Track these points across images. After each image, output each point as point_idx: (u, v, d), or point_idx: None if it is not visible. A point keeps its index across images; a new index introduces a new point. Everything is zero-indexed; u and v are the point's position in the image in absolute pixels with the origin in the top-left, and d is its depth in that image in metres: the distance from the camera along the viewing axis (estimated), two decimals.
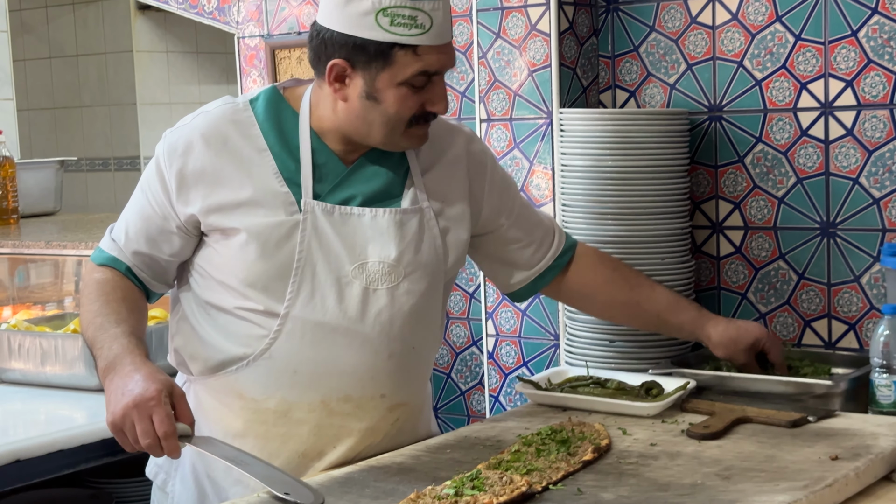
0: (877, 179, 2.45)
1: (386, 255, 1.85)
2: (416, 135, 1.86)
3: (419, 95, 1.81)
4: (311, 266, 1.82)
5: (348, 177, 1.87)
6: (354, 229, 1.85)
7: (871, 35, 2.42)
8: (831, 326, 2.53)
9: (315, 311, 1.81)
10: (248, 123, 1.85)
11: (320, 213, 1.83)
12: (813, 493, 1.58)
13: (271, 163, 1.83)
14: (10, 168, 4.36)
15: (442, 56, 1.80)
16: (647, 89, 2.70)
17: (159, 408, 1.61)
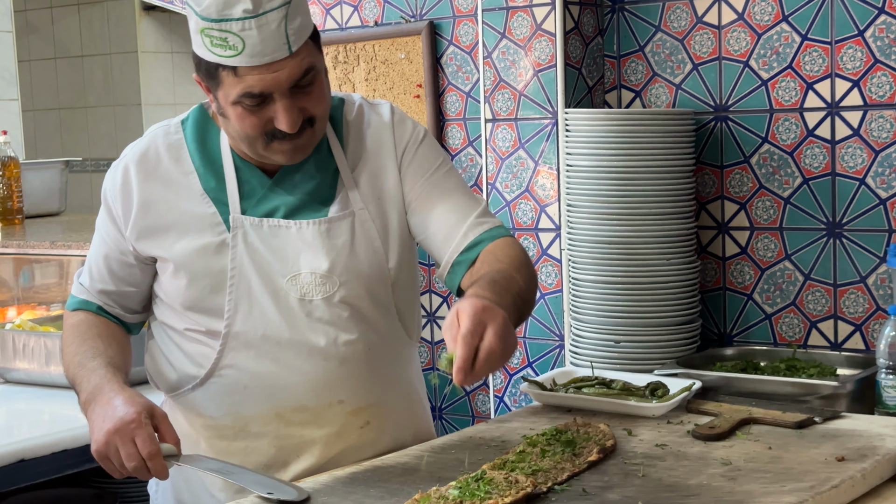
0: (883, 180, 2.46)
1: (317, 266, 1.82)
2: (279, 150, 1.78)
3: (260, 113, 1.74)
4: (246, 281, 1.81)
5: (272, 188, 1.85)
6: (285, 241, 1.83)
7: (878, 35, 2.43)
8: (837, 327, 2.54)
9: (256, 325, 1.80)
10: (177, 146, 1.86)
11: (249, 227, 1.82)
12: (819, 494, 1.57)
13: (197, 184, 1.83)
14: (16, 168, 4.36)
15: (266, 77, 1.70)
16: (652, 89, 2.70)
17: (140, 429, 1.63)
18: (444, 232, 1.87)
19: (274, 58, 1.70)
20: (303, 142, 1.78)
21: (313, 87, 1.76)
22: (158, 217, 1.84)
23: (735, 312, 2.65)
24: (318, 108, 1.78)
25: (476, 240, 1.85)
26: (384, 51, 2.94)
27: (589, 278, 2.56)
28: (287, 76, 1.71)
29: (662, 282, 2.52)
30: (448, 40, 2.86)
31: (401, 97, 2.93)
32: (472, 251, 1.85)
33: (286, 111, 1.72)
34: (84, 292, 1.93)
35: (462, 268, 1.85)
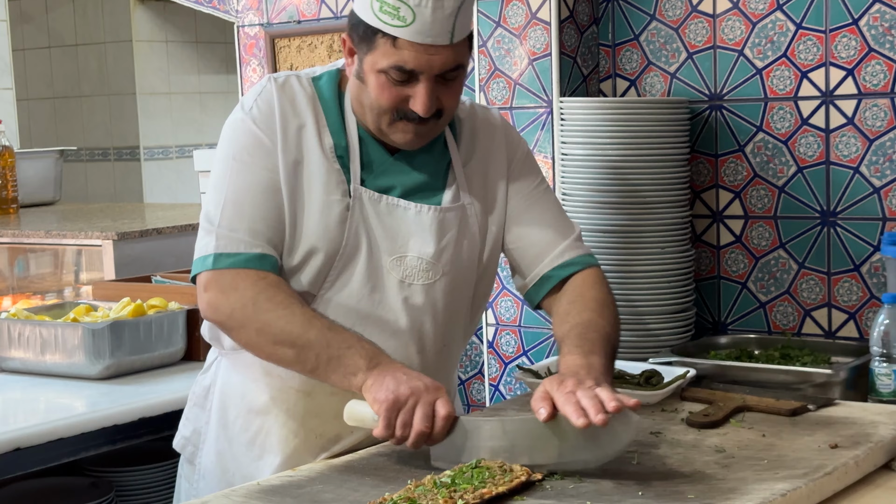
0: (877, 168, 2.46)
1: (426, 252, 1.86)
2: (401, 130, 1.82)
3: (400, 89, 1.78)
4: (354, 254, 1.84)
5: (391, 166, 1.88)
6: (399, 221, 1.86)
7: (872, 23, 2.43)
8: (831, 315, 2.54)
9: (350, 296, 1.83)
10: (313, 97, 1.87)
11: (367, 200, 1.85)
12: (812, 481, 1.58)
13: (329, 138, 1.85)
14: (10, 158, 4.37)
15: (421, 56, 1.75)
16: (647, 78, 2.70)
17: (445, 396, 1.66)
18: (540, 246, 1.95)
19: (436, 41, 1.74)
20: (426, 130, 1.82)
21: (455, 82, 1.81)
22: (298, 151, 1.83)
23: (729, 301, 2.66)
24: (451, 102, 1.82)
25: (569, 261, 1.94)
26: None
27: None
28: (440, 63, 1.76)
29: (657, 270, 2.52)
30: None
31: None
32: (563, 269, 1.94)
33: (426, 94, 1.76)
34: (254, 245, 1.79)
35: (550, 283, 1.94)
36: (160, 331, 2.66)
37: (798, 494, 1.55)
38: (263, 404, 1.90)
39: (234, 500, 1.59)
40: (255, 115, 1.84)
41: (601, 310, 1.89)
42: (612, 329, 1.90)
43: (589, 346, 1.79)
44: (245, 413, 1.92)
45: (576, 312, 1.87)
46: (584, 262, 1.95)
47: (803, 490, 1.56)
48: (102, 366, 2.58)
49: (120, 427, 2.34)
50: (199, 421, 2.02)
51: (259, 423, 1.91)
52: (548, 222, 1.97)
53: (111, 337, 2.57)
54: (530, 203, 1.97)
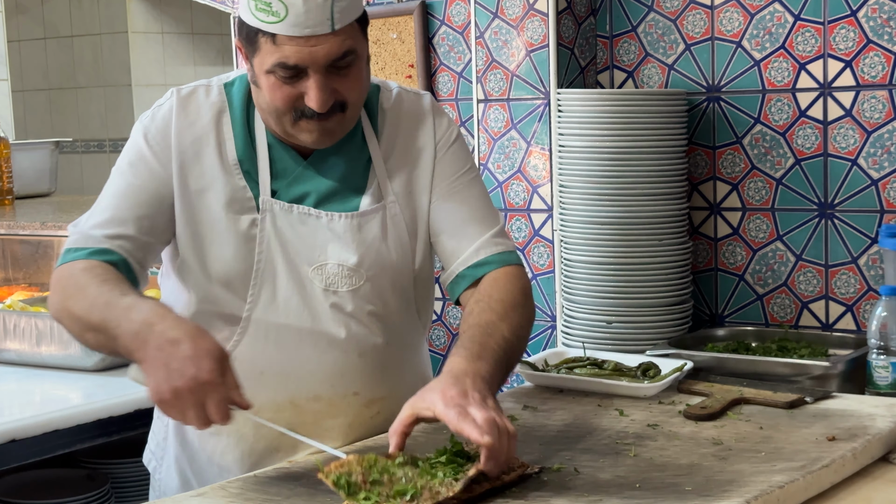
0: (875, 160, 2.47)
1: (345, 259, 1.80)
2: (306, 129, 1.74)
3: (291, 87, 1.70)
4: (272, 267, 1.78)
5: (305, 169, 1.81)
6: (314, 229, 1.80)
7: (871, 15, 2.44)
8: (829, 308, 2.56)
9: (278, 313, 1.78)
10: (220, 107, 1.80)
11: (279, 211, 1.79)
12: (810, 473, 1.59)
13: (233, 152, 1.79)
14: (5, 149, 4.36)
15: (302, 49, 1.66)
16: (645, 70, 2.71)
17: (214, 392, 1.50)
18: (456, 241, 1.85)
19: (315, 31, 1.66)
20: (331, 125, 1.74)
21: (350, 70, 1.71)
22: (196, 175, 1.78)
23: (727, 293, 2.67)
24: (352, 93, 1.73)
25: (485, 259, 1.83)
26: (376, 31, 2.93)
27: (581, 259, 2.57)
28: (325, 53, 1.67)
29: (654, 262, 2.53)
30: (440, 20, 2.86)
31: (392, 77, 2.93)
32: (477, 269, 1.83)
33: (318, 89, 1.68)
34: (103, 241, 1.73)
35: (465, 282, 1.84)
36: None
37: (795, 487, 1.55)
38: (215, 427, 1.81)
39: (230, 490, 1.59)
40: (147, 126, 1.79)
41: (505, 312, 1.76)
42: (513, 334, 1.75)
43: (479, 349, 1.66)
44: (197, 434, 1.87)
45: (477, 313, 1.75)
46: (500, 261, 1.83)
47: (801, 483, 1.56)
48: (98, 357, 2.58)
49: (115, 419, 2.34)
50: (159, 435, 1.99)
51: (213, 444, 1.87)
52: (466, 216, 1.86)
53: None
54: (451, 194, 1.86)
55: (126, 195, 1.76)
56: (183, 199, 1.77)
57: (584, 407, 1.99)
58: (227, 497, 1.56)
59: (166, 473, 1.96)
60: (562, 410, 1.98)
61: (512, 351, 1.74)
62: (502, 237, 1.87)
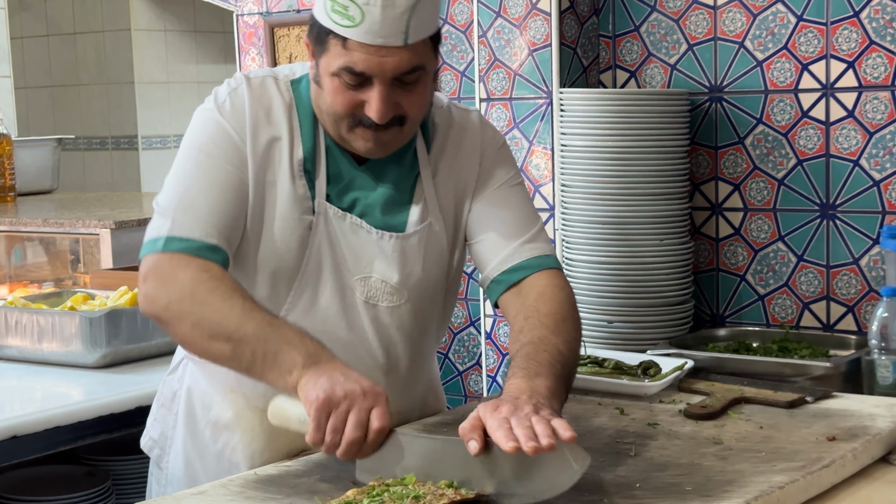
0: (877, 161, 2.48)
1: (389, 277, 1.81)
2: (361, 137, 1.74)
3: (354, 93, 1.70)
4: (317, 273, 1.79)
5: (357, 178, 1.82)
6: (363, 242, 1.81)
7: (874, 16, 2.44)
8: (830, 308, 2.57)
9: (315, 320, 1.78)
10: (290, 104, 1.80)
11: (332, 216, 1.79)
12: (810, 473, 1.59)
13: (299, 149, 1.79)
14: (8, 146, 4.38)
15: (372, 58, 1.66)
16: (647, 69, 2.72)
17: (383, 404, 1.53)
18: (491, 245, 1.84)
19: (387, 42, 1.66)
20: (387, 138, 1.74)
21: (416, 86, 1.71)
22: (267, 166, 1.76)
23: (728, 293, 2.68)
24: (413, 108, 1.73)
25: (520, 264, 1.82)
26: None
27: (583, 258, 2.59)
28: (393, 65, 1.67)
29: (656, 262, 2.55)
30: (443, 19, 2.86)
31: None
32: (514, 273, 1.82)
33: (380, 100, 1.68)
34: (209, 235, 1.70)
35: (501, 287, 1.83)
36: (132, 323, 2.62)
37: (796, 487, 1.55)
38: (229, 420, 1.87)
39: (230, 489, 1.59)
40: (226, 110, 1.77)
41: (556, 326, 1.75)
42: (567, 347, 1.74)
43: (535, 367, 1.64)
44: (212, 425, 1.89)
45: (528, 330, 1.73)
46: (537, 265, 1.82)
47: (801, 483, 1.56)
48: (99, 354, 2.58)
49: (117, 416, 2.34)
50: (167, 423, 1.99)
51: (226, 438, 1.88)
52: (503, 220, 1.86)
53: (108, 326, 2.57)
54: (490, 199, 1.87)
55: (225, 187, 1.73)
56: (255, 187, 1.76)
57: (584, 406, 1.99)
58: (227, 495, 1.56)
59: (173, 463, 1.96)
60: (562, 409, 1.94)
61: (568, 364, 1.72)
62: (538, 241, 1.86)
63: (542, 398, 1.55)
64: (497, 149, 1.91)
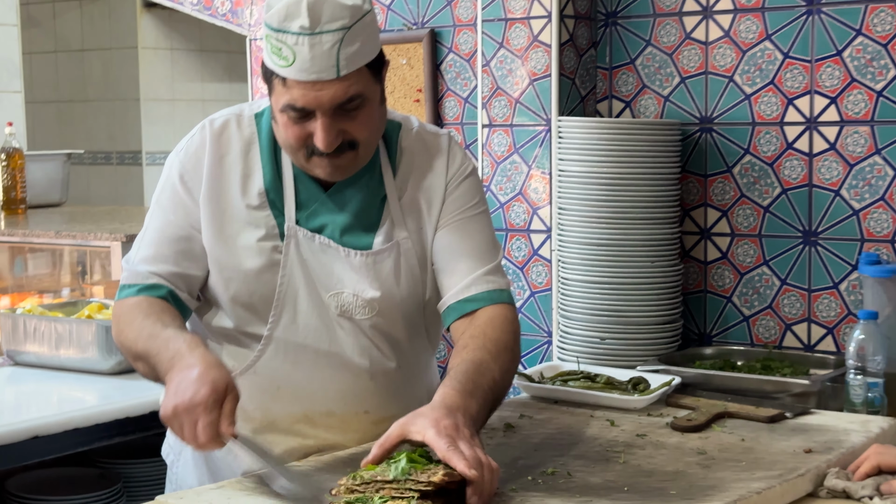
0: (857, 192, 2.52)
1: (360, 290, 1.86)
2: (318, 165, 1.79)
3: (301, 126, 1.75)
4: (294, 290, 1.85)
5: (325, 202, 1.87)
6: (333, 259, 1.86)
7: (856, 55, 2.49)
8: (811, 330, 2.59)
9: (298, 333, 1.85)
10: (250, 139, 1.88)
11: (302, 238, 1.85)
12: (786, 481, 1.65)
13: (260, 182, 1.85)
14: (20, 159, 4.35)
15: (309, 93, 1.71)
16: (642, 100, 2.75)
17: (205, 415, 1.60)
18: (450, 274, 1.88)
19: (320, 77, 1.71)
20: (342, 163, 1.79)
21: (359, 112, 1.75)
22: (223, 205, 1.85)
23: (715, 314, 2.70)
24: (361, 133, 1.77)
25: (476, 296, 1.86)
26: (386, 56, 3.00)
27: (577, 278, 2.61)
28: (330, 97, 1.72)
29: (647, 283, 2.56)
30: (448, 48, 2.90)
31: (401, 101, 2.98)
32: (466, 304, 1.86)
33: (324, 130, 1.73)
34: (150, 276, 1.85)
35: (455, 314, 1.87)
36: None
37: (772, 493, 1.62)
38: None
39: (245, 484, 1.66)
40: (183, 161, 1.86)
41: (498, 353, 1.78)
42: (502, 377, 1.78)
43: (472, 387, 1.68)
44: None
45: (472, 349, 1.77)
46: (489, 299, 1.85)
47: (777, 489, 1.63)
48: (114, 361, 2.64)
49: (132, 419, 2.41)
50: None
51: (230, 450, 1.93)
52: (463, 251, 1.88)
53: None
54: (453, 227, 1.90)
55: (165, 231, 1.86)
56: (210, 227, 1.85)
57: (576, 417, 2.04)
58: (244, 490, 1.63)
59: (183, 467, 2.03)
60: (556, 419, 2.02)
61: (499, 392, 1.78)
62: (496, 275, 1.89)
63: (471, 421, 1.61)
64: (464, 176, 1.92)
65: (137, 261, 1.88)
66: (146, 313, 1.80)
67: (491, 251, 1.91)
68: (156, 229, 1.87)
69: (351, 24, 1.71)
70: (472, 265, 1.88)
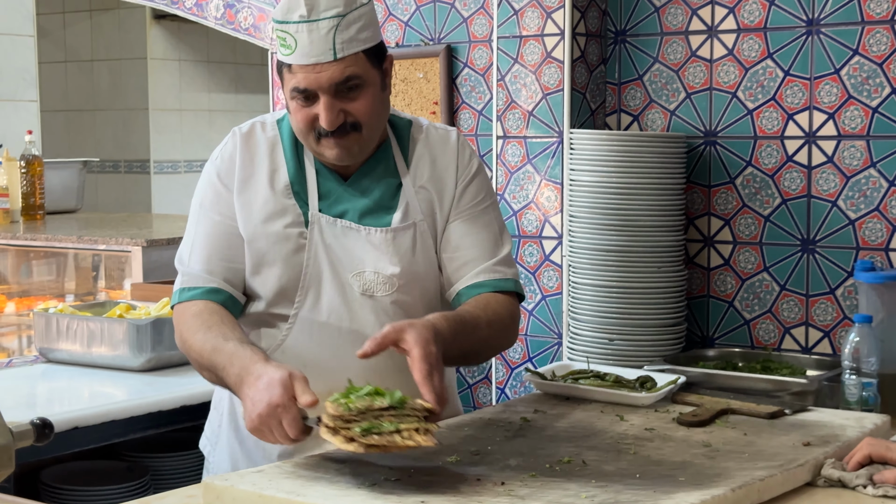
0: (853, 202, 2.57)
1: (381, 268, 1.96)
2: (326, 147, 1.91)
3: (308, 109, 1.89)
4: (318, 272, 1.96)
5: (346, 190, 1.99)
6: (354, 241, 1.97)
7: (852, 73, 2.55)
8: (808, 333, 2.63)
9: (322, 312, 1.95)
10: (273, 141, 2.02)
11: (325, 224, 1.97)
12: (787, 470, 1.72)
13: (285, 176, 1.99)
14: (39, 167, 4.43)
15: (309, 75, 1.86)
16: (649, 114, 2.80)
17: (286, 413, 1.69)
18: (461, 262, 2.00)
19: (319, 60, 1.86)
20: (348, 143, 1.92)
21: (358, 94, 1.89)
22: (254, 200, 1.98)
23: (717, 317, 2.73)
24: (363, 115, 1.90)
25: (484, 282, 1.98)
26: (404, 70, 3.03)
27: (587, 282, 2.65)
28: (328, 78, 1.86)
29: (653, 288, 2.60)
30: (463, 63, 2.96)
31: (418, 113, 3.03)
32: (475, 289, 1.99)
33: (326, 109, 1.88)
34: (210, 280, 1.96)
35: (462, 299, 2.00)
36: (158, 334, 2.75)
37: (774, 481, 1.69)
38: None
39: (283, 469, 1.75)
40: (218, 165, 2.00)
41: (492, 321, 1.92)
42: (487, 341, 1.91)
43: (461, 330, 1.82)
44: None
45: (472, 306, 1.93)
46: (495, 286, 1.97)
47: (778, 478, 1.70)
48: (144, 359, 2.71)
49: (164, 413, 2.49)
50: (214, 423, 2.17)
51: None
52: (477, 240, 1.99)
53: (153, 332, 2.71)
54: (464, 220, 2.00)
55: (213, 231, 1.99)
56: (242, 216, 1.98)
57: (587, 412, 2.10)
58: (282, 474, 1.71)
59: (219, 456, 2.13)
60: (568, 414, 2.09)
61: (479, 351, 1.94)
62: (504, 265, 2.00)
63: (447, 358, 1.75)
64: (473, 171, 2.04)
65: (192, 263, 1.99)
66: (208, 325, 1.90)
67: (499, 244, 2.02)
68: (205, 232, 2.00)
69: (346, 12, 1.87)
70: (481, 256, 1.99)
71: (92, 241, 3.76)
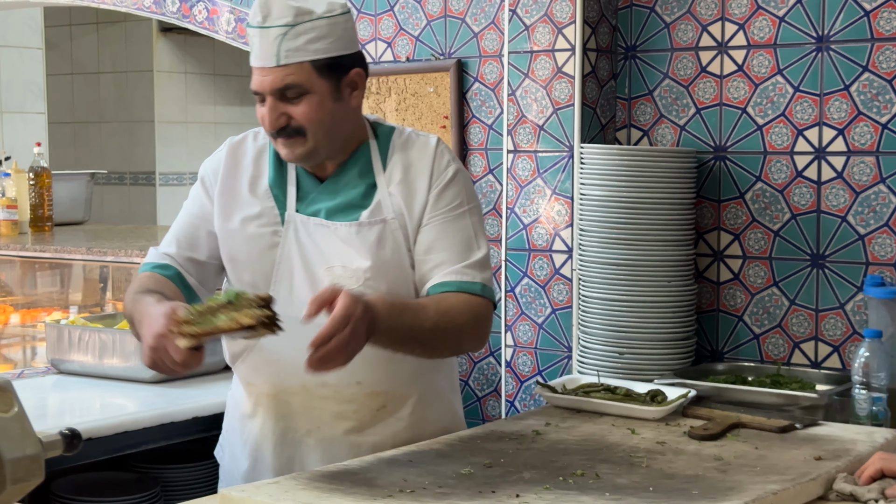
0: (862, 218, 2.59)
1: (348, 261, 2.03)
2: (277, 144, 2.03)
3: (263, 109, 2.00)
4: (289, 268, 2.05)
5: (321, 191, 2.08)
6: (325, 237, 2.04)
7: (862, 90, 2.57)
8: (818, 348, 2.64)
9: (293, 307, 1.97)
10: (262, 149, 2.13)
11: (299, 223, 2.06)
12: (799, 484, 1.75)
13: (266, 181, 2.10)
14: (48, 178, 4.43)
15: (257, 77, 1.98)
16: (659, 129, 2.82)
17: (169, 342, 1.80)
18: (432, 265, 2.04)
19: (264, 64, 1.97)
20: (292, 145, 2.01)
21: (300, 101, 1.98)
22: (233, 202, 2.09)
23: (727, 332, 2.74)
24: (305, 121, 1.98)
25: (448, 282, 2.02)
26: (414, 84, 3.05)
27: (597, 296, 2.67)
28: (270, 82, 1.97)
29: (663, 302, 2.62)
30: (474, 77, 2.98)
31: (428, 127, 3.05)
32: (440, 287, 2.03)
33: (267, 110, 1.99)
34: (165, 258, 2.09)
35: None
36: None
37: (787, 494, 1.72)
38: (248, 410, 2.13)
39: (299, 480, 1.77)
40: (204, 172, 2.14)
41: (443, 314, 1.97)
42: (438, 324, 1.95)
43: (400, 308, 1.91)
44: (240, 416, 2.15)
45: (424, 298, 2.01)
46: (460, 288, 2.01)
47: (791, 491, 1.72)
48: None
49: (177, 424, 2.51)
50: (224, 429, 2.24)
51: (249, 427, 2.13)
52: (447, 245, 2.04)
53: None
54: (436, 224, 2.05)
55: (183, 221, 2.14)
56: (221, 217, 2.08)
57: (599, 426, 2.12)
58: (298, 485, 1.74)
59: (228, 460, 2.20)
60: (580, 427, 2.11)
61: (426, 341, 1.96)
62: (474, 269, 2.04)
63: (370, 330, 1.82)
64: (450, 176, 2.07)
65: (160, 247, 2.14)
66: (146, 288, 2.01)
67: (471, 249, 2.06)
68: (178, 224, 2.15)
69: (295, 23, 1.96)
70: (451, 259, 2.03)
71: (101, 253, 3.75)
